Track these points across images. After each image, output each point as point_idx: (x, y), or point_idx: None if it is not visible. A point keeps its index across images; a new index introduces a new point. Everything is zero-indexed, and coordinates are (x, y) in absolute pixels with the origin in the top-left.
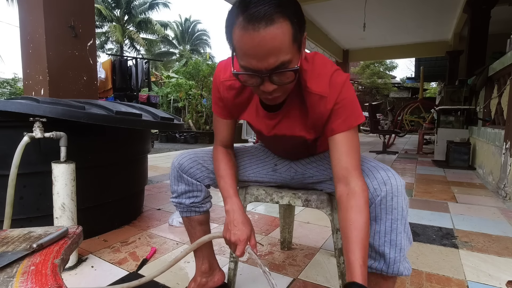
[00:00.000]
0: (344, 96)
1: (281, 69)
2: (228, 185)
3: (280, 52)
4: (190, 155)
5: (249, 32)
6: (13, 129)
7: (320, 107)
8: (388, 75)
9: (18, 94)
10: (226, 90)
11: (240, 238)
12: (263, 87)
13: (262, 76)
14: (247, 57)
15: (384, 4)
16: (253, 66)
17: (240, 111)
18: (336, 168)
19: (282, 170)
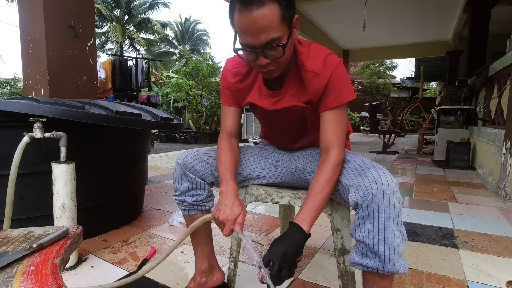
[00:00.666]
0: (337, 74)
1: (271, 45)
2: (226, 169)
3: (269, 30)
4: (195, 152)
5: (243, 13)
6: (13, 129)
7: (315, 83)
8: (388, 75)
9: (18, 94)
10: (232, 76)
11: (228, 217)
12: (258, 61)
13: (256, 51)
14: (244, 35)
15: (384, 4)
16: (249, 42)
17: (244, 95)
18: (321, 140)
19: (283, 166)
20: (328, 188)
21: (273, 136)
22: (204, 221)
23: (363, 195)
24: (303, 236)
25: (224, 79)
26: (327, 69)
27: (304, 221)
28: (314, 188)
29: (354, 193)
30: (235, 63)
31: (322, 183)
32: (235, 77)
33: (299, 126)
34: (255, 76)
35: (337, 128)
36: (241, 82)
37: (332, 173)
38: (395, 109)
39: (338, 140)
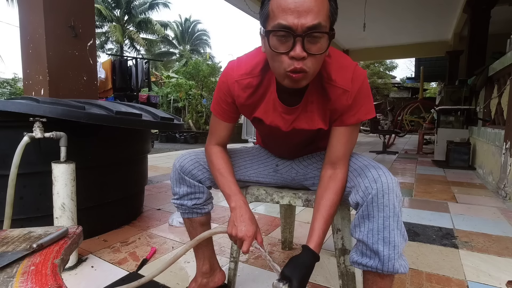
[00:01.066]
0: (362, 91)
1: (316, 30)
2: (230, 182)
3: (319, 13)
4: (191, 156)
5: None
6: (13, 129)
7: (343, 100)
8: (388, 75)
9: (18, 94)
10: (241, 90)
11: (247, 234)
12: (293, 53)
13: (296, 35)
14: (286, 12)
15: (384, 4)
16: (290, 23)
17: (252, 110)
18: (329, 153)
19: (283, 171)
20: (335, 208)
21: (275, 148)
22: (213, 234)
23: (363, 195)
24: (316, 260)
25: (225, 91)
26: (355, 85)
27: (317, 246)
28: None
29: (354, 194)
30: (242, 73)
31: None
32: (245, 90)
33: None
34: (267, 87)
35: (348, 145)
36: (252, 96)
37: (340, 195)
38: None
39: (347, 157)
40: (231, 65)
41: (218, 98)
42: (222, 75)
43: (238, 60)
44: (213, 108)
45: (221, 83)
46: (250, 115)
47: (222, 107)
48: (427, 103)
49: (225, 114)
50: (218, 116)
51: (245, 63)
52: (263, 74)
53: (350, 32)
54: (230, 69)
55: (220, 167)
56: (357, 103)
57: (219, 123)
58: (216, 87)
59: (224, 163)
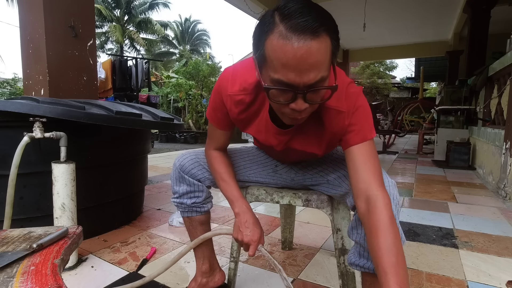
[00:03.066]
0: (358, 107)
1: (319, 86)
2: (232, 187)
3: (321, 67)
4: (191, 155)
5: (292, 43)
6: (13, 129)
7: (338, 122)
8: (388, 75)
9: (18, 94)
10: (233, 105)
11: (253, 239)
12: (294, 105)
13: (297, 92)
14: (285, 70)
15: (384, 4)
16: (290, 80)
17: (245, 125)
18: (354, 182)
19: (283, 171)
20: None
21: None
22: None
23: None
24: None
25: (221, 102)
26: (349, 104)
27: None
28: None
29: (351, 196)
30: (237, 90)
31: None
32: (237, 106)
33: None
34: (260, 105)
35: (368, 164)
36: (244, 112)
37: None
38: (395, 109)
39: (377, 179)
40: (226, 76)
41: (214, 106)
42: (217, 84)
43: (233, 72)
44: (209, 115)
45: (216, 93)
46: (243, 129)
47: (218, 116)
48: (427, 103)
49: (221, 123)
50: (215, 124)
51: (240, 77)
52: (257, 92)
53: (350, 32)
54: (225, 80)
55: (221, 172)
56: (357, 121)
57: (216, 130)
58: (212, 94)
59: (225, 167)
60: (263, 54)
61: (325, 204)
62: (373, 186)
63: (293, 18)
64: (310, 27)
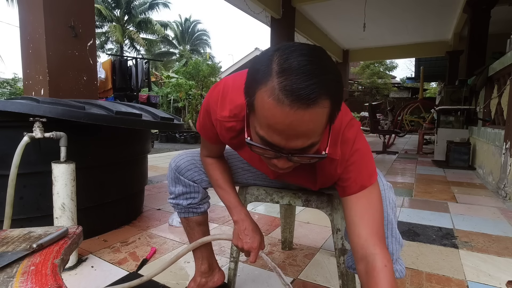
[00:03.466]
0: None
1: (306, 153)
2: (229, 194)
3: (312, 135)
4: (188, 156)
5: (283, 107)
6: (13, 129)
7: (330, 169)
8: (388, 75)
9: (18, 94)
10: (224, 131)
11: (253, 246)
12: (277, 162)
13: (281, 154)
14: (271, 131)
15: (384, 4)
16: (275, 142)
17: (236, 148)
18: (351, 237)
19: None
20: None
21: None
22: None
23: None
24: None
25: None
26: (344, 150)
27: None
28: None
29: None
30: (226, 115)
31: None
32: (228, 132)
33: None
34: None
35: (367, 217)
36: (236, 138)
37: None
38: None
39: (376, 235)
40: (215, 96)
41: (204, 123)
42: (206, 101)
43: (223, 93)
44: (199, 130)
45: (206, 112)
46: (236, 150)
47: (208, 134)
48: (427, 103)
49: (213, 140)
50: (207, 140)
51: (230, 102)
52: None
53: (350, 32)
54: (214, 103)
55: (218, 178)
56: (353, 167)
57: (208, 143)
58: (201, 109)
59: (221, 173)
60: (252, 103)
61: (325, 204)
62: (370, 243)
63: (291, 79)
64: (306, 93)
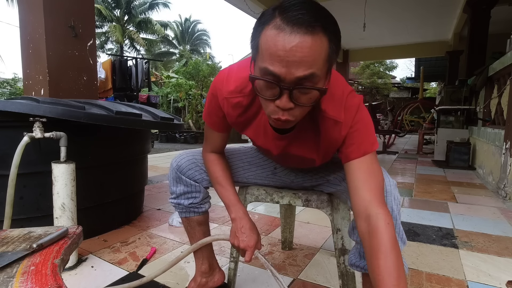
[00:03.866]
0: (358, 120)
1: (307, 84)
2: (229, 192)
3: (312, 65)
4: (189, 156)
5: (285, 33)
6: (13, 129)
7: (334, 132)
8: (388, 75)
9: (18, 94)
10: (231, 108)
11: (249, 244)
12: (279, 102)
13: (283, 87)
14: (274, 60)
15: (384, 4)
16: (276, 71)
17: (243, 127)
18: (354, 200)
19: (282, 174)
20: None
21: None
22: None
23: None
24: None
25: (217, 104)
26: (348, 115)
27: None
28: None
29: None
30: (232, 90)
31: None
32: (235, 109)
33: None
34: (259, 108)
35: (370, 180)
36: (242, 115)
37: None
38: (395, 109)
39: (379, 197)
40: (221, 77)
41: (210, 109)
42: (212, 87)
43: (228, 73)
44: (205, 117)
45: (211, 96)
46: (241, 131)
47: (214, 119)
48: (427, 103)
49: (218, 126)
50: (211, 127)
51: (235, 79)
52: (254, 93)
53: (350, 32)
54: (220, 82)
55: (218, 176)
56: (356, 133)
57: (213, 133)
58: (207, 97)
59: (221, 170)
60: (257, 45)
61: (325, 204)
62: (374, 204)
63: (290, 11)
64: (305, 21)
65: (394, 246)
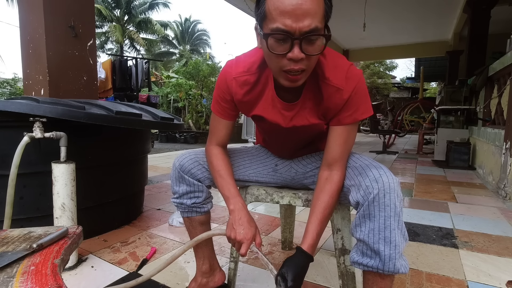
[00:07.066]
0: (358, 90)
1: (313, 33)
2: (229, 184)
3: (316, 16)
4: (191, 155)
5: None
6: (13, 129)
7: (336, 98)
8: (388, 75)
9: (18, 94)
10: (239, 87)
11: (246, 237)
12: (291, 54)
13: (293, 38)
14: (283, 16)
15: (384, 4)
16: (287, 27)
17: (250, 107)
18: (326, 154)
19: (283, 170)
20: (330, 210)
21: (275, 147)
22: (211, 235)
23: (364, 195)
24: (309, 260)
25: (224, 89)
26: (349, 84)
27: (310, 247)
28: (317, 210)
29: (355, 192)
30: (240, 71)
31: (325, 206)
32: (242, 87)
33: (309, 139)
34: (265, 84)
35: (345, 146)
36: (249, 93)
37: (335, 197)
38: (395, 109)
39: (344, 159)
40: (229, 63)
41: (217, 96)
42: (221, 73)
43: (236, 59)
44: (212, 106)
45: (220, 81)
46: (249, 112)
47: (221, 105)
48: (427, 103)
49: (224, 112)
50: (217, 114)
51: (243, 61)
52: (260, 71)
53: (350, 32)
54: (229, 67)
55: (220, 169)
56: (353, 102)
57: (219, 121)
58: (216, 86)
59: (224, 164)
60: (263, 11)
61: None
62: (338, 164)
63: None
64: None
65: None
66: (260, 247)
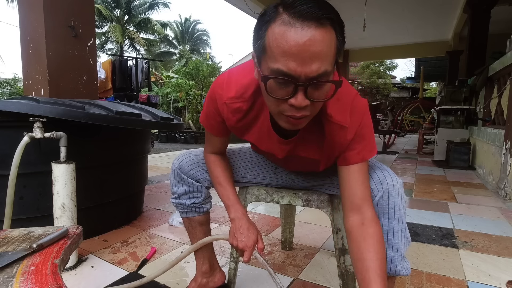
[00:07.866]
0: (363, 127)
1: (322, 79)
2: (229, 192)
3: (325, 60)
4: (190, 156)
5: (295, 28)
6: (13, 129)
7: (339, 137)
8: (388, 75)
9: (18, 94)
10: (230, 113)
11: (247, 244)
12: (294, 100)
13: (298, 84)
14: (287, 58)
15: (384, 4)
16: (291, 70)
17: (243, 132)
18: (350, 197)
19: (283, 173)
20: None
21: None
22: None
23: None
24: None
25: (216, 109)
26: (354, 121)
27: None
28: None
29: None
30: (232, 96)
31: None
32: (234, 114)
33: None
34: (259, 110)
35: (365, 184)
36: (242, 120)
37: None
38: (395, 109)
39: (370, 198)
40: (220, 82)
41: (208, 112)
42: (211, 91)
43: (228, 77)
44: (202, 121)
45: (210, 100)
46: (242, 136)
47: (212, 123)
48: (427, 103)
49: (216, 130)
50: (209, 131)
51: (235, 83)
52: (255, 97)
53: (350, 32)
54: (219, 87)
55: (219, 176)
56: (360, 139)
57: (212, 136)
58: (205, 101)
59: (222, 171)
60: (263, 44)
61: (325, 204)
62: (368, 204)
63: (297, 6)
64: (314, 14)
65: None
66: (263, 252)
